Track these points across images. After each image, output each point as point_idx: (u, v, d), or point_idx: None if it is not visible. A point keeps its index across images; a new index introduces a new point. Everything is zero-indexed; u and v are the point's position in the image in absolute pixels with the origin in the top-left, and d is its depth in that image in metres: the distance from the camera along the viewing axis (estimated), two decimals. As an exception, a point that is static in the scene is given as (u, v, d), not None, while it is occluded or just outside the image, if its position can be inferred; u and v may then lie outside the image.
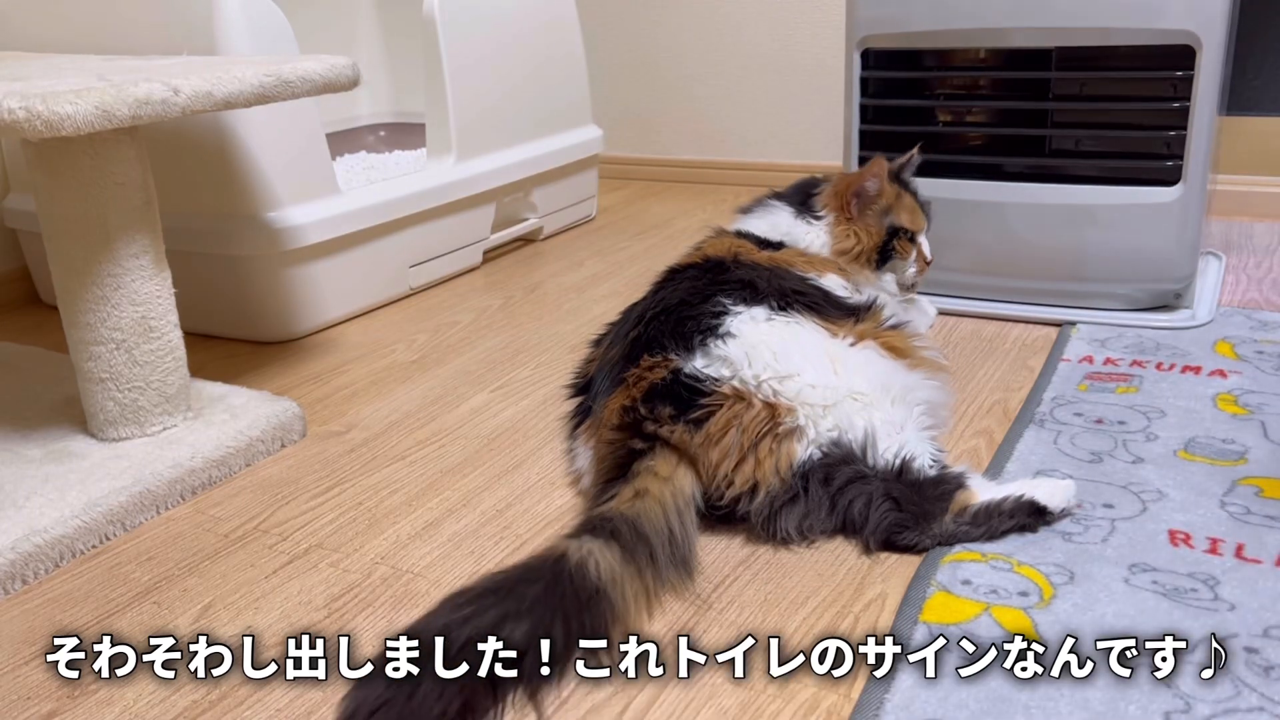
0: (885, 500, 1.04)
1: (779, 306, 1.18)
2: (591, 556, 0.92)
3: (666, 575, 0.98)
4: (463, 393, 1.52)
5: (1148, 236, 1.57)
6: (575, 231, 2.43)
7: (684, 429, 1.07)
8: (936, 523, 1.04)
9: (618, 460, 1.10)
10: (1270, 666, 0.84)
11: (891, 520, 1.04)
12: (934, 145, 1.74)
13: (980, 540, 1.04)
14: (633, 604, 0.93)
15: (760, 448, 1.06)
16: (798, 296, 1.20)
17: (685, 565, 1.01)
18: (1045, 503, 1.06)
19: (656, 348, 1.14)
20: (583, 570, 0.91)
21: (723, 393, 1.08)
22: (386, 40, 2.77)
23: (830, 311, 1.20)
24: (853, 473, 1.06)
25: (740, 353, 1.11)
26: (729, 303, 1.17)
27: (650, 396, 1.10)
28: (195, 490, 1.26)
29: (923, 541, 1.04)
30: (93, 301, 1.26)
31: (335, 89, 1.38)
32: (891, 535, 1.04)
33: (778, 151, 2.80)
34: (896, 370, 1.17)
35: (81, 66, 1.35)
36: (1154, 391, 1.36)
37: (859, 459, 1.06)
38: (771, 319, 1.16)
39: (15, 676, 0.94)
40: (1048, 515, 1.06)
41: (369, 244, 1.86)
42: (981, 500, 1.05)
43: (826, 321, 1.18)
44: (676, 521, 1.02)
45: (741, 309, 1.16)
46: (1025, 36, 1.57)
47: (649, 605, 0.97)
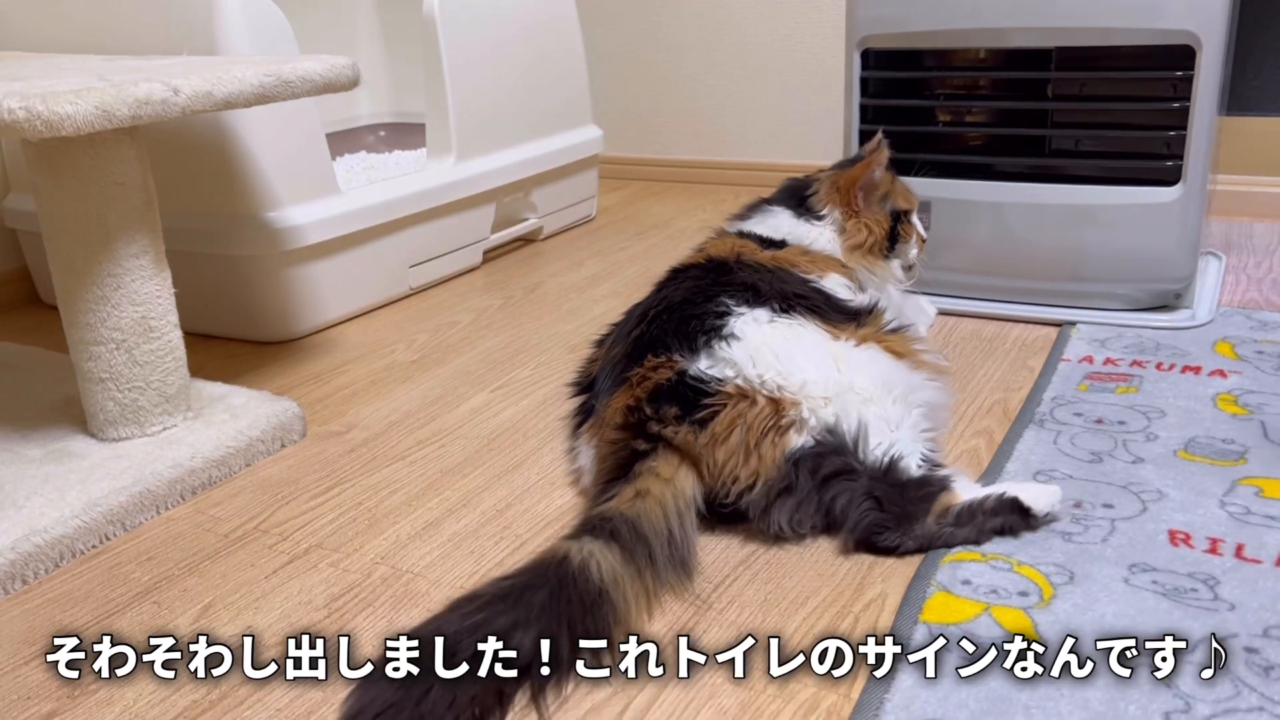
0: (867, 499, 1.04)
1: (781, 309, 1.18)
2: (593, 558, 0.92)
3: (665, 576, 0.98)
4: (463, 393, 1.52)
5: (1148, 236, 1.57)
6: (575, 231, 2.43)
7: (689, 430, 1.07)
8: (918, 524, 1.03)
9: (619, 460, 1.09)
10: (1270, 666, 0.84)
11: (871, 520, 1.03)
12: (934, 145, 1.74)
13: (967, 542, 1.04)
14: (633, 605, 0.94)
15: (763, 444, 1.06)
16: (800, 300, 1.20)
17: (684, 566, 1.01)
18: (1029, 503, 1.05)
19: (660, 348, 1.14)
20: (585, 573, 0.91)
21: (727, 392, 1.08)
22: (386, 40, 2.77)
23: (831, 315, 1.20)
24: (840, 464, 1.05)
25: (745, 354, 1.11)
26: (732, 303, 1.17)
27: (655, 397, 1.10)
28: (195, 490, 1.26)
29: (904, 543, 1.03)
30: (93, 301, 1.26)
31: (335, 89, 1.38)
32: (871, 535, 1.04)
33: (778, 151, 2.80)
34: (899, 369, 1.17)
35: (81, 66, 1.35)
36: (1154, 391, 1.36)
37: (849, 450, 1.06)
38: (774, 321, 1.16)
39: (15, 676, 0.94)
40: (1032, 517, 1.06)
41: (369, 244, 1.86)
42: (964, 500, 1.05)
43: (828, 325, 1.18)
44: (676, 523, 1.02)
45: (744, 310, 1.16)
46: (1025, 36, 1.57)
47: (649, 606, 0.97)
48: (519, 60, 2.20)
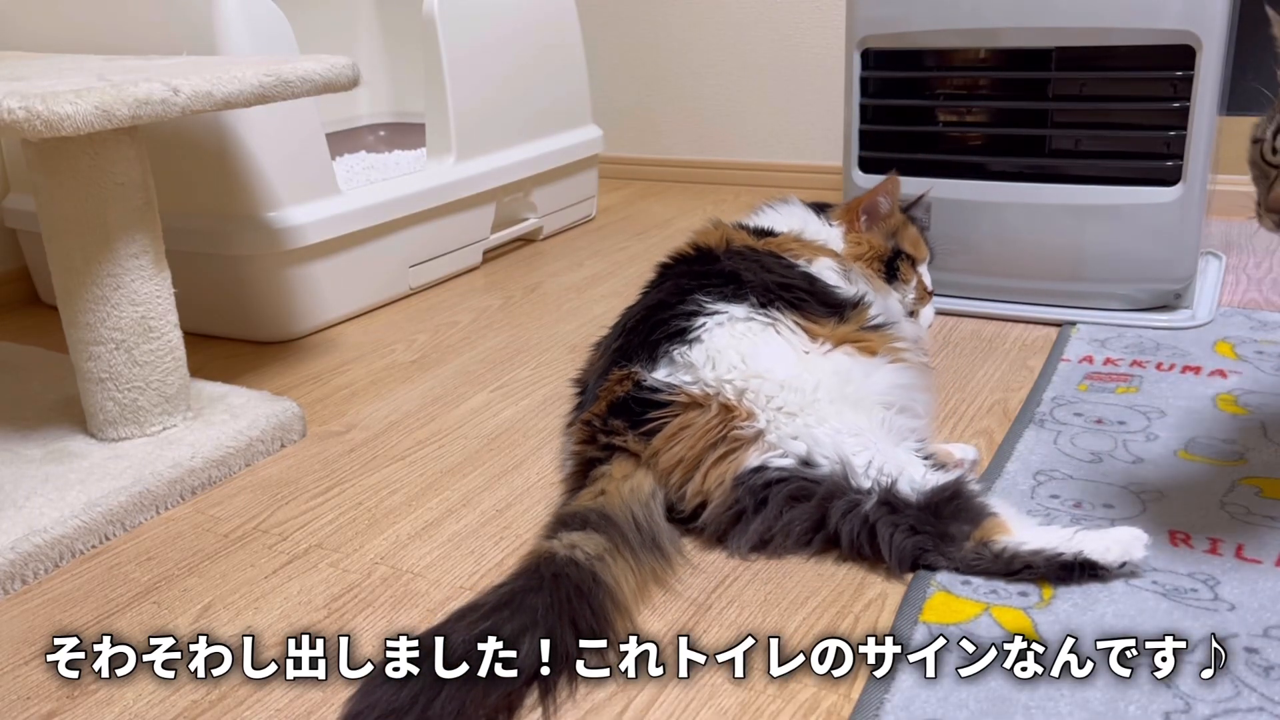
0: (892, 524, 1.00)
1: (760, 304, 1.18)
2: (576, 547, 0.95)
3: (644, 558, 0.99)
4: (463, 393, 1.52)
5: (1148, 236, 1.57)
6: (575, 231, 2.43)
7: (635, 440, 1.09)
8: (955, 547, 0.99)
9: (579, 469, 1.13)
10: (1270, 666, 0.84)
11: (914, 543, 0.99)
12: (934, 145, 1.74)
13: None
14: (624, 582, 0.95)
15: (709, 457, 1.06)
16: (782, 292, 1.20)
17: (659, 549, 1.02)
18: (1097, 558, 0.95)
19: (625, 360, 1.16)
20: (573, 561, 0.93)
21: (679, 401, 1.09)
22: (386, 40, 2.76)
23: (813, 308, 1.20)
24: (817, 488, 1.03)
25: (703, 357, 1.12)
26: (707, 301, 1.18)
27: (611, 411, 1.12)
28: (195, 490, 1.26)
29: (938, 563, 0.99)
30: (93, 301, 1.26)
31: (335, 89, 1.38)
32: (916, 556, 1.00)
33: (778, 151, 2.80)
34: (860, 369, 1.15)
35: (82, 66, 1.35)
36: (1154, 391, 1.36)
37: (834, 473, 1.03)
38: (750, 319, 1.16)
39: (15, 676, 0.94)
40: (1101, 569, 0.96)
41: (369, 244, 1.85)
42: (1019, 544, 0.96)
43: (807, 320, 1.18)
44: (641, 511, 1.03)
45: (719, 307, 1.17)
46: (1025, 36, 1.57)
47: (637, 582, 0.97)
48: (519, 60, 2.20)
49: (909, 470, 1.03)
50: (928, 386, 1.25)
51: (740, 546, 1.04)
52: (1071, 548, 0.95)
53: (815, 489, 1.03)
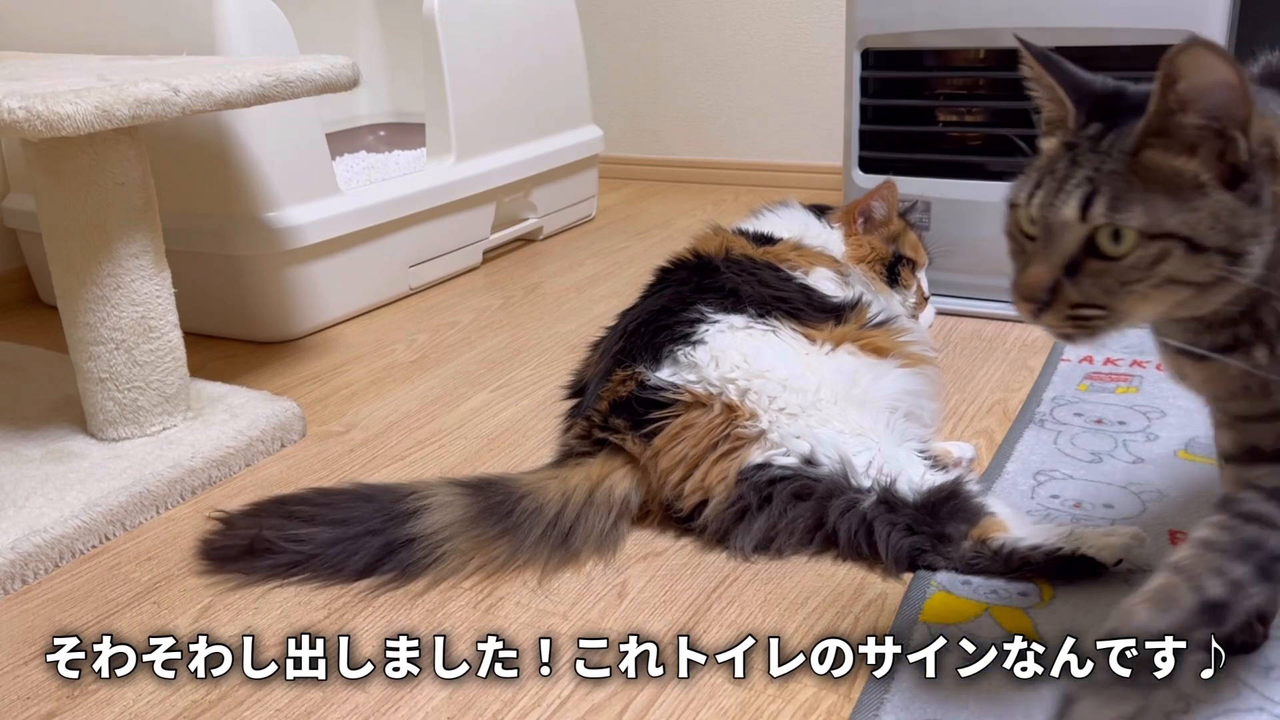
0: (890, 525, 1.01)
1: (758, 314, 1.19)
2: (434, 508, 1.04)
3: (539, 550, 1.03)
4: (463, 393, 1.52)
5: (1148, 236, 1.56)
6: (575, 231, 2.43)
7: (634, 440, 1.09)
8: (953, 546, 0.99)
9: (560, 456, 1.16)
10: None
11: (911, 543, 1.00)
12: (934, 145, 1.74)
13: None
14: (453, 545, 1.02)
15: (711, 455, 1.06)
16: (779, 303, 1.21)
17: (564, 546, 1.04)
18: (1096, 555, 0.95)
19: (629, 361, 1.16)
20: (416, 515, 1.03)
21: (682, 400, 1.09)
22: (386, 40, 2.76)
23: (810, 316, 1.21)
24: (823, 487, 1.03)
25: (707, 356, 1.12)
26: (708, 310, 1.18)
27: (613, 410, 1.13)
28: (195, 490, 1.26)
29: (936, 563, 1.00)
30: (93, 301, 1.26)
31: (335, 89, 1.38)
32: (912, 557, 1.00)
33: (778, 151, 2.80)
34: (866, 369, 1.16)
35: (82, 66, 1.35)
36: (1154, 391, 1.36)
37: (838, 473, 1.03)
38: (750, 327, 1.16)
39: (15, 676, 0.94)
40: (1100, 567, 0.95)
41: (369, 244, 1.85)
42: (1014, 541, 0.97)
43: (805, 327, 1.19)
44: (571, 512, 1.05)
45: (720, 316, 1.17)
46: (1025, 36, 1.56)
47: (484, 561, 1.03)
48: (519, 60, 2.20)
49: (908, 470, 1.03)
50: (936, 394, 1.26)
51: (744, 545, 1.04)
52: (1070, 544, 0.95)
53: (816, 487, 1.03)
